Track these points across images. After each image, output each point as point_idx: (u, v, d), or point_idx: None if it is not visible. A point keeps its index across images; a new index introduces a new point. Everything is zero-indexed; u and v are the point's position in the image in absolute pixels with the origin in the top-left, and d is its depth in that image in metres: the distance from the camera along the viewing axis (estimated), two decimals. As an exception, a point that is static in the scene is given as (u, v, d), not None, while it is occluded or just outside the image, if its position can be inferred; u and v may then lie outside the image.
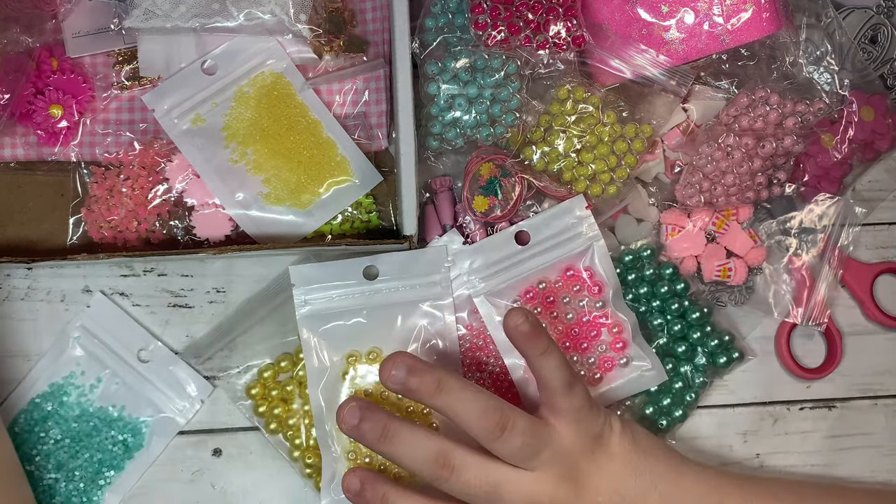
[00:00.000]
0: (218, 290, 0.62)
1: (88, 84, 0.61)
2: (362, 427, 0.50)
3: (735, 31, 0.59)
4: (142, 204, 0.60)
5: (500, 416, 0.49)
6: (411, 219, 0.56)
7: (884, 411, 0.64)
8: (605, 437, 0.52)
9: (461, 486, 0.49)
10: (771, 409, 0.63)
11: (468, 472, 0.49)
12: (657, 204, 0.63)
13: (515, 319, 0.51)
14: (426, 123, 0.61)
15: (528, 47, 0.59)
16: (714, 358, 0.61)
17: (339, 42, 0.61)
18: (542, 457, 0.50)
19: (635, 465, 0.52)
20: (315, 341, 0.57)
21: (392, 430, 0.50)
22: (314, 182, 0.60)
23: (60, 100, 0.60)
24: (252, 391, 0.59)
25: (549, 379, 0.51)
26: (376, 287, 0.58)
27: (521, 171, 0.61)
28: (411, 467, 0.50)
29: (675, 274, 0.62)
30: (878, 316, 0.64)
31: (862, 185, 0.66)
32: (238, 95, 0.61)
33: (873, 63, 0.65)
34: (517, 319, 0.51)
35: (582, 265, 0.61)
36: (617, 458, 0.52)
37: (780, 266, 0.64)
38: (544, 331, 0.52)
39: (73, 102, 0.60)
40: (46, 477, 0.58)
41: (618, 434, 0.53)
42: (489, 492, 0.49)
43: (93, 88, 0.61)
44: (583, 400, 0.52)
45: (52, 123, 0.60)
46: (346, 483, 0.52)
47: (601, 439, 0.52)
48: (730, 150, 0.60)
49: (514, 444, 0.49)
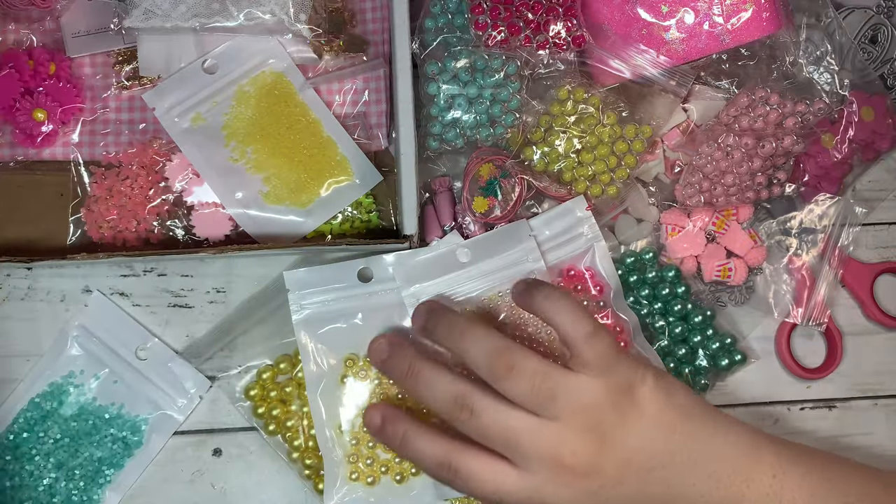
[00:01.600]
0: (218, 290, 0.62)
1: (80, 96, 0.61)
2: (389, 363, 0.53)
3: (735, 31, 0.59)
4: (141, 204, 0.60)
5: (507, 356, 0.49)
6: (412, 218, 0.56)
7: (884, 411, 0.64)
8: (636, 389, 0.50)
9: (479, 429, 0.49)
10: (771, 409, 0.63)
11: (487, 416, 0.48)
12: (657, 204, 0.63)
13: (516, 286, 0.53)
14: (426, 124, 0.61)
15: (528, 47, 0.59)
16: (716, 360, 0.61)
17: (338, 42, 0.61)
18: (560, 404, 0.48)
19: (667, 422, 0.50)
20: (312, 345, 0.57)
21: (416, 368, 0.51)
22: (314, 181, 0.60)
23: (47, 105, 0.59)
24: (251, 392, 0.59)
25: (563, 324, 0.50)
26: (371, 289, 0.58)
27: (521, 172, 0.61)
28: (432, 406, 0.50)
29: (677, 276, 0.62)
30: (878, 316, 0.64)
31: (862, 185, 0.66)
32: (238, 94, 0.61)
33: (873, 63, 0.65)
34: (518, 286, 0.53)
35: (583, 266, 0.61)
36: (647, 413, 0.49)
37: (780, 266, 0.64)
38: (548, 284, 0.52)
39: (59, 110, 0.60)
40: (47, 476, 0.58)
41: (651, 388, 0.50)
42: (507, 437, 0.48)
43: (83, 100, 0.61)
44: (607, 347, 0.50)
45: (33, 125, 0.59)
46: (367, 417, 0.53)
47: (632, 392, 0.49)
48: (730, 150, 0.60)
49: (523, 385, 0.48)
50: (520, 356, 0.49)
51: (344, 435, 0.57)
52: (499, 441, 0.49)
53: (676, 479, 0.49)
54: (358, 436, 0.57)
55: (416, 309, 0.54)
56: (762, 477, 0.50)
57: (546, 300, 0.51)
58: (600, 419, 0.49)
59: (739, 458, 0.50)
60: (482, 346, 0.50)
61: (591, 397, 0.49)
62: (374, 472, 0.57)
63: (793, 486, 0.50)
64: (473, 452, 0.49)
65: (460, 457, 0.49)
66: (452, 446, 0.50)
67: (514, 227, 0.60)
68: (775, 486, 0.50)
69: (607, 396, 0.49)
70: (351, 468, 0.57)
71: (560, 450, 0.48)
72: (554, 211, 0.61)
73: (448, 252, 0.59)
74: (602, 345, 0.50)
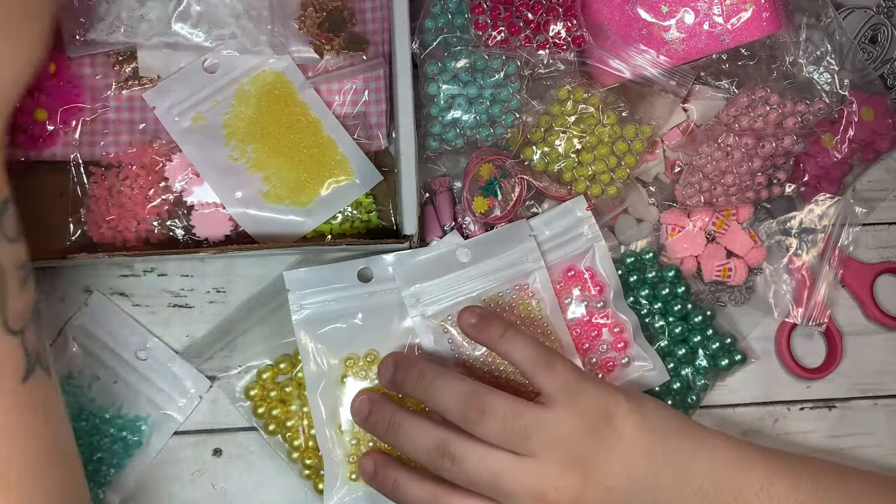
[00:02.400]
0: (218, 290, 0.62)
1: (81, 97, 0.61)
2: (371, 420, 0.54)
3: (735, 31, 0.59)
4: (141, 204, 0.60)
5: (477, 400, 0.49)
6: (412, 218, 0.56)
7: (884, 411, 0.64)
8: (611, 414, 0.50)
9: (463, 475, 0.49)
10: (771, 409, 0.63)
11: (468, 462, 0.49)
12: (657, 204, 0.63)
13: (463, 317, 0.53)
14: (426, 124, 0.61)
15: (528, 47, 0.59)
16: (716, 360, 0.61)
17: (339, 41, 0.61)
18: (536, 440, 0.49)
19: (646, 444, 0.50)
20: (312, 346, 0.57)
21: (396, 421, 0.52)
22: (314, 180, 0.60)
23: (47, 105, 0.59)
24: (251, 392, 0.59)
25: (521, 361, 0.51)
26: (371, 289, 0.58)
27: (520, 172, 0.61)
28: (415, 457, 0.51)
29: (677, 276, 0.62)
30: (878, 316, 0.64)
31: (862, 185, 0.66)
32: (239, 94, 0.61)
33: (873, 63, 0.65)
34: (463, 316, 0.53)
35: (583, 266, 0.61)
36: (627, 437, 0.49)
37: (780, 266, 0.64)
38: (497, 317, 0.52)
39: (60, 110, 0.60)
40: (46, 477, 0.58)
41: (626, 411, 0.50)
42: (490, 480, 0.49)
43: (84, 100, 0.61)
44: (570, 375, 0.50)
45: (34, 126, 0.59)
46: (361, 466, 0.54)
47: (608, 417, 0.50)
48: (730, 150, 0.60)
49: (496, 426, 0.49)
50: (490, 399, 0.49)
51: (344, 435, 0.57)
52: (483, 485, 0.49)
53: (663, 499, 0.50)
54: (358, 436, 0.57)
55: (382, 361, 0.55)
56: (749, 490, 0.50)
57: (501, 339, 0.51)
58: (579, 450, 0.49)
59: (725, 471, 0.50)
60: (451, 393, 0.50)
61: (565, 429, 0.49)
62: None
63: (781, 499, 0.50)
64: (461, 497, 0.50)
65: (449, 501, 0.50)
66: (441, 491, 0.50)
67: (514, 227, 0.60)
68: (763, 499, 0.50)
69: (583, 425, 0.49)
70: (351, 468, 0.57)
71: (542, 486, 0.49)
72: (554, 211, 0.61)
73: (448, 252, 0.59)
74: (561, 374, 0.50)
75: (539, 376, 0.50)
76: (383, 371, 0.54)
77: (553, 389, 0.50)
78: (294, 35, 0.61)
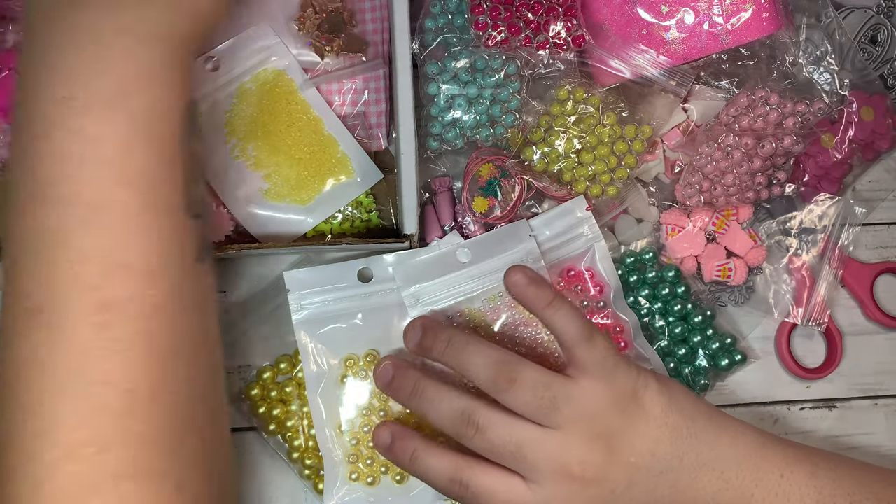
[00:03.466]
0: (218, 290, 0.62)
1: None
2: (394, 384, 0.52)
3: (735, 31, 0.59)
4: (141, 203, 0.60)
5: (508, 368, 0.49)
6: (412, 218, 0.56)
7: (884, 411, 0.64)
8: (640, 394, 0.50)
9: (486, 444, 0.49)
10: (771, 409, 0.63)
11: (492, 431, 0.48)
12: (657, 204, 0.63)
13: (513, 276, 0.52)
14: (426, 124, 0.61)
15: (529, 47, 0.59)
16: (716, 360, 0.61)
17: (338, 42, 0.61)
18: (564, 413, 0.48)
19: (673, 425, 0.50)
20: (312, 345, 0.57)
21: (421, 387, 0.51)
22: (315, 178, 0.60)
23: None
24: (251, 392, 0.59)
25: (563, 331, 0.50)
26: (371, 289, 0.58)
27: (520, 172, 0.61)
28: (438, 424, 0.50)
29: (677, 276, 0.62)
30: (878, 316, 0.64)
31: (862, 185, 0.66)
32: (240, 92, 0.61)
33: (873, 63, 0.65)
34: (515, 275, 0.52)
35: (583, 266, 0.61)
36: (653, 417, 0.49)
37: (780, 266, 0.64)
38: (547, 283, 0.51)
39: None
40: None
41: (654, 392, 0.50)
42: (514, 451, 0.48)
43: None
44: (606, 351, 0.50)
45: None
46: (377, 436, 0.53)
47: (636, 396, 0.50)
48: (730, 150, 0.60)
49: (525, 396, 0.48)
50: (520, 367, 0.49)
51: (344, 435, 0.57)
52: (506, 455, 0.49)
53: (685, 482, 0.49)
54: (358, 436, 0.57)
55: (410, 325, 0.54)
56: (770, 476, 0.50)
57: (549, 307, 0.51)
58: (606, 425, 0.49)
59: (747, 458, 0.50)
60: (482, 359, 0.50)
61: (594, 404, 0.49)
62: (374, 472, 0.57)
63: (800, 485, 0.50)
64: (483, 467, 0.49)
65: (471, 472, 0.49)
66: (463, 462, 0.49)
67: (514, 227, 0.60)
68: (783, 485, 0.50)
69: (612, 402, 0.49)
70: (351, 468, 0.57)
71: (567, 459, 0.48)
72: (554, 211, 0.61)
73: (448, 252, 0.59)
74: (601, 349, 0.50)
75: (579, 349, 0.50)
76: (411, 335, 0.53)
77: (590, 363, 0.49)
78: (293, 37, 0.61)
